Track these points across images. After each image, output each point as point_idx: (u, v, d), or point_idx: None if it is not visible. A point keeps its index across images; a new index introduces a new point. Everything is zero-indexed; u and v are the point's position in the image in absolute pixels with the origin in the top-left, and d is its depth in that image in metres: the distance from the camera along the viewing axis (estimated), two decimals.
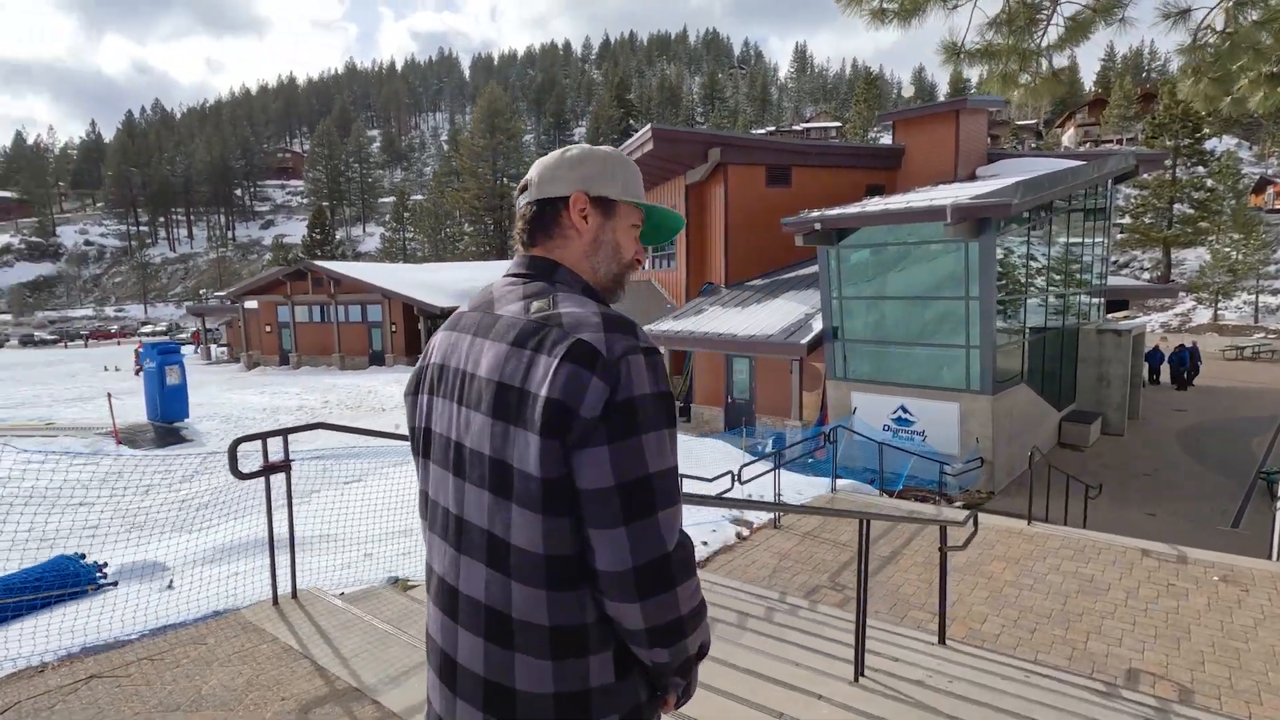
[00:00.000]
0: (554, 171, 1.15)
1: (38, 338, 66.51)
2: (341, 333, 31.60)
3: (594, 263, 1.15)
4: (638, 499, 0.91)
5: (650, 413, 0.93)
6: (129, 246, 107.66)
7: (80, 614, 3.32)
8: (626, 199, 1.16)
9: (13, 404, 20.38)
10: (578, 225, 1.14)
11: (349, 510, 5.38)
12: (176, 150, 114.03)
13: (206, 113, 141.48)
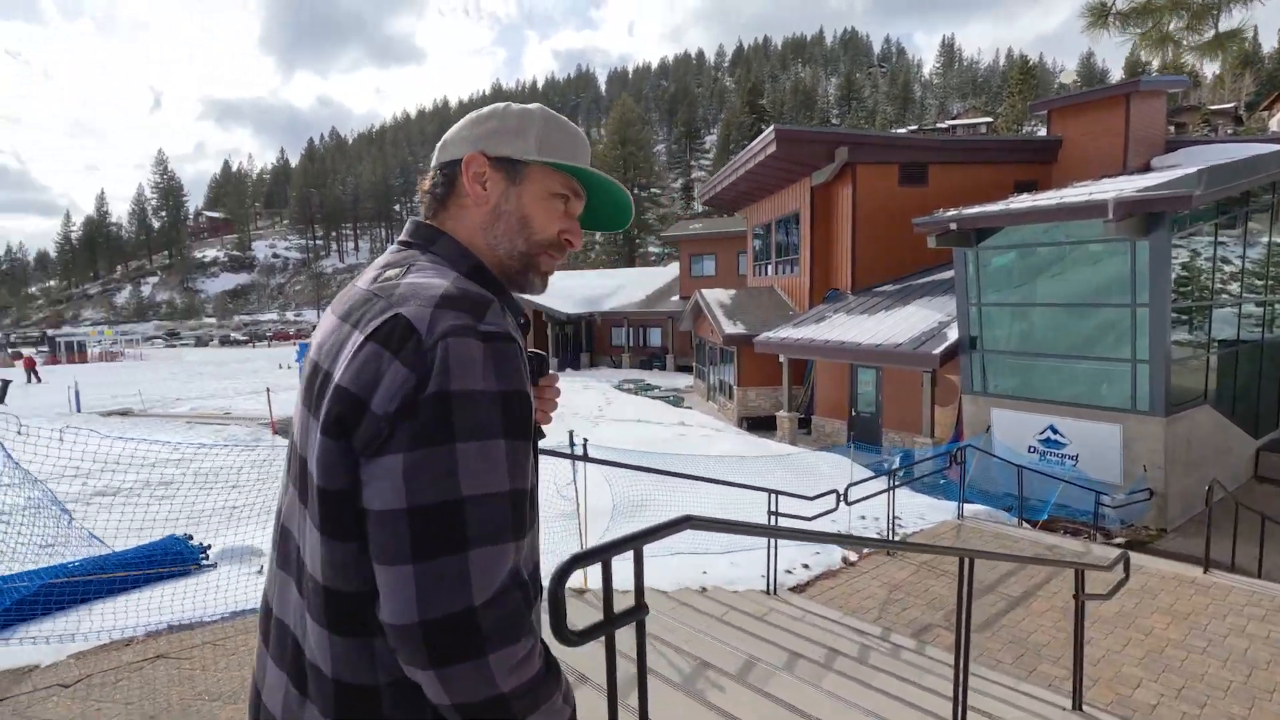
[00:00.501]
0: (458, 132, 0.97)
1: (233, 338, 76.40)
2: None
3: (490, 238, 0.94)
4: (437, 529, 0.68)
5: (474, 414, 0.70)
6: (307, 259, 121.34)
7: (178, 593, 3.56)
8: (542, 159, 0.93)
9: (205, 395, 23.36)
10: (473, 192, 0.93)
11: None
12: (347, 171, 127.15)
13: (373, 137, 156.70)
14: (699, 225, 31.18)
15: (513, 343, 0.77)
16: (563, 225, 0.98)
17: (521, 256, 0.95)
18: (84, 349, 52.01)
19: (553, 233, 0.96)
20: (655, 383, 23.79)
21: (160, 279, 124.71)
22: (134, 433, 15.33)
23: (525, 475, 0.77)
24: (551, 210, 0.96)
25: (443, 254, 0.91)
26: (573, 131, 0.99)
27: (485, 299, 0.80)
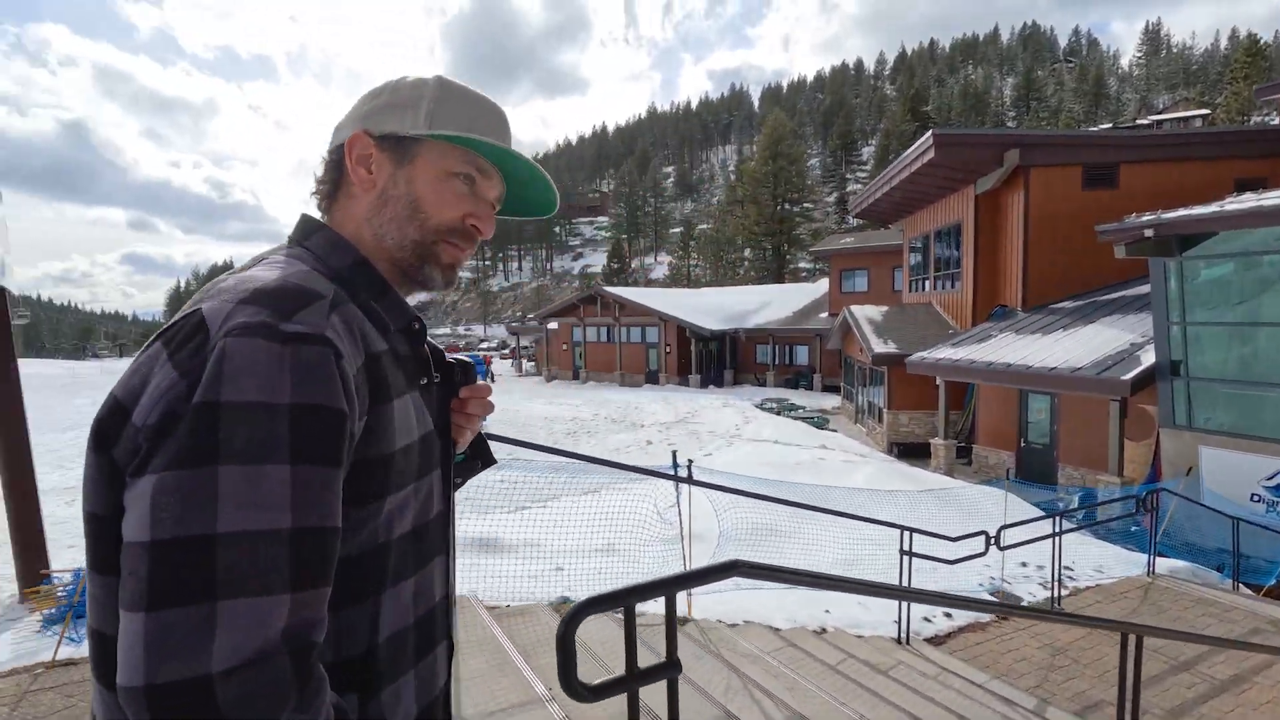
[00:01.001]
0: (349, 113, 0.85)
1: None
2: (623, 352, 34.26)
3: (377, 227, 0.82)
4: (178, 571, 0.54)
5: (249, 432, 0.57)
6: (476, 278, 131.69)
7: None
8: (436, 133, 0.80)
9: None
10: (357, 177, 0.82)
11: (554, 521, 5.51)
12: None
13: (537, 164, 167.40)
14: (851, 239, 29.81)
15: (325, 347, 0.64)
16: (467, 209, 0.85)
17: (415, 246, 0.83)
18: None
19: (452, 217, 0.84)
20: (799, 403, 22.89)
21: None
22: None
23: (324, 510, 0.61)
24: (448, 191, 0.83)
25: (315, 248, 0.81)
26: (475, 100, 0.85)
27: (308, 295, 0.67)
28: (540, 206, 0.96)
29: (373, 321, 0.77)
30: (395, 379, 0.77)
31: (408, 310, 0.83)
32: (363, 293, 0.79)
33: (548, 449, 3.93)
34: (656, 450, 14.02)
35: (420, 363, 0.86)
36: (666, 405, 22.00)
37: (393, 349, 0.79)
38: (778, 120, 65.38)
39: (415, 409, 0.80)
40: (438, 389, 0.91)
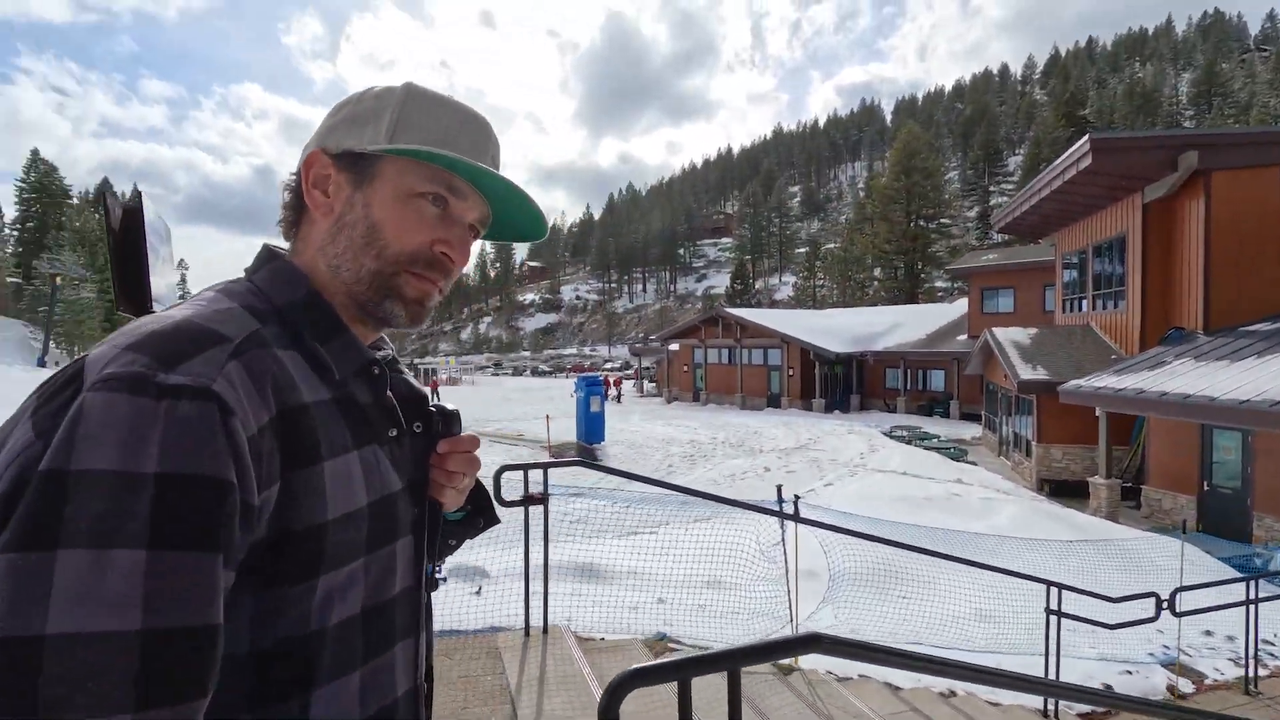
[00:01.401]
0: (316, 130, 0.76)
1: (541, 369, 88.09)
2: (744, 374, 33.71)
3: (331, 258, 0.72)
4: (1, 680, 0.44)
5: (101, 509, 0.48)
6: (603, 300, 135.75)
7: None
8: (397, 147, 0.70)
9: (510, 417, 27.09)
10: (312, 201, 0.73)
11: (660, 550, 5.36)
12: (640, 221, 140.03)
13: (663, 188, 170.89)
14: (994, 255, 27.61)
15: (208, 403, 0.53)
16: (435, 234, 0.73)
17: (372, 278, 0.72)
18: (436, 374, 64.61)
19: (416, 243, 0.72)
20: (933, 431, 21.31)
21: (492, 318, 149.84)
22: None
23: (191, 606, 0.50)
24: (411, 215, 0.72)
25: (261, 281, 0.72)
26: (449, 109, 0.74)
27: (205, 338, 0.58)
28: (528, 230, 0.84)
29: (315, 366, 0.68)
30: (333, 434, 0.66)
31: (363, 352, 0.73)
32: (309, 332, 0.69)
33: (641, 478, 3.80)
34: (774, 478, 13.52)
35: (384, 411, 0.75)
36: (787, 430, 21.28)
37: (341, 397, 0.69)
38: (911, 133, 62.39)
39: (369, 467, 0.70)
40: (418, 440, 0.80)
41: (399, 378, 0.83)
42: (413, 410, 0.81)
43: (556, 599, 4.07)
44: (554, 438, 17.91)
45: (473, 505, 0.93)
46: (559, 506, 5.56)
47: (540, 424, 23.15)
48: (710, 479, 13.55)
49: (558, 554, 5.65)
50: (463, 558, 5.00)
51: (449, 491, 0.81)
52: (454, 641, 3.36)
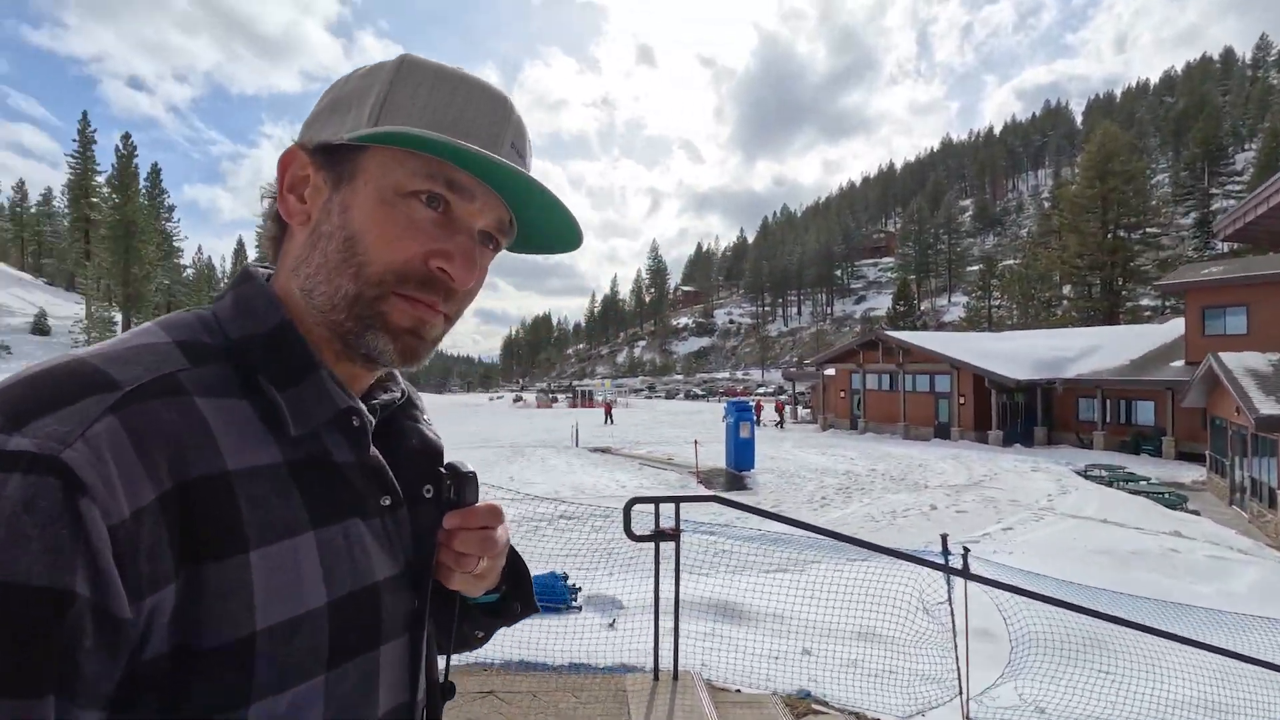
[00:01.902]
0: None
1: (694, 393, 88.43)
2: (907, 402, 31.46)
3: (303, 279, 0.58)
4: None
5: None
6: (756, 323, 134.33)
7: (540, 629, 3.89)
8: (380, 131, 0.54)
9: (661, 440, 27.33)
10: (287, 208, 0.58)
11: (808, 592, 4.96)
12: (794, 242, 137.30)
13: (818, 208, 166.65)
14: (1218, 268, 23.57)
15: (48, 478, 0.40)
16: (430, 244, 0.56)
17: (351, 305, 0.56)
18: (591, 396, 67.15)
19: (404, 257, 0.55)
20: (1141, 472, 18.37)
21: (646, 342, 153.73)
22: (603, 467, 18.77)
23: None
24: (398, 219, 0.55)
25: (220, 310, 0.58)
26: (453, 82, 0.57)
27: (80, 387, 0.45)
28: (558, 240, 0.65)
29: (269, 420, 0.53)
30: (274, 511, 0.51)
31: (335, 398, 0.56)
32: (266, 375, 0.55)
33: (778, 517, 3.48)
34: (942, 517, 12.30)
35: (371, 474, 0.59)
36: (958, 465, 19.42)
37: (300, 460, 0.54)
38: (1108, 134, 55.48)
39: (335, 552, 0.54)
40: (428, 509, 0.63)
41: (412, 427, 0.68)
42: (423, 469, 0.65)
43: (691, 639, 3.85)
44: (703, 463, 17.71)
45: (508, 585, 0.74)
46: (698, 537, 5.35)
47: (690, 448, 23.12)
48: (867, 514, 12.62)
49: (695, 588, 5.42)
50: (598, 586, 4.94)
51: (459, 578, 0.63)
52: (581, 679, 3.25)
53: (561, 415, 44.33)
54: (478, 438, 28.40)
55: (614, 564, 5.53)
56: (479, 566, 0.63)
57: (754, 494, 14.62)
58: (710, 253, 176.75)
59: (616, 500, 12.10)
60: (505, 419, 43.05)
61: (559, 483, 15.51)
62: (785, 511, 12.93)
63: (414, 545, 0.62)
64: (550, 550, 5.76)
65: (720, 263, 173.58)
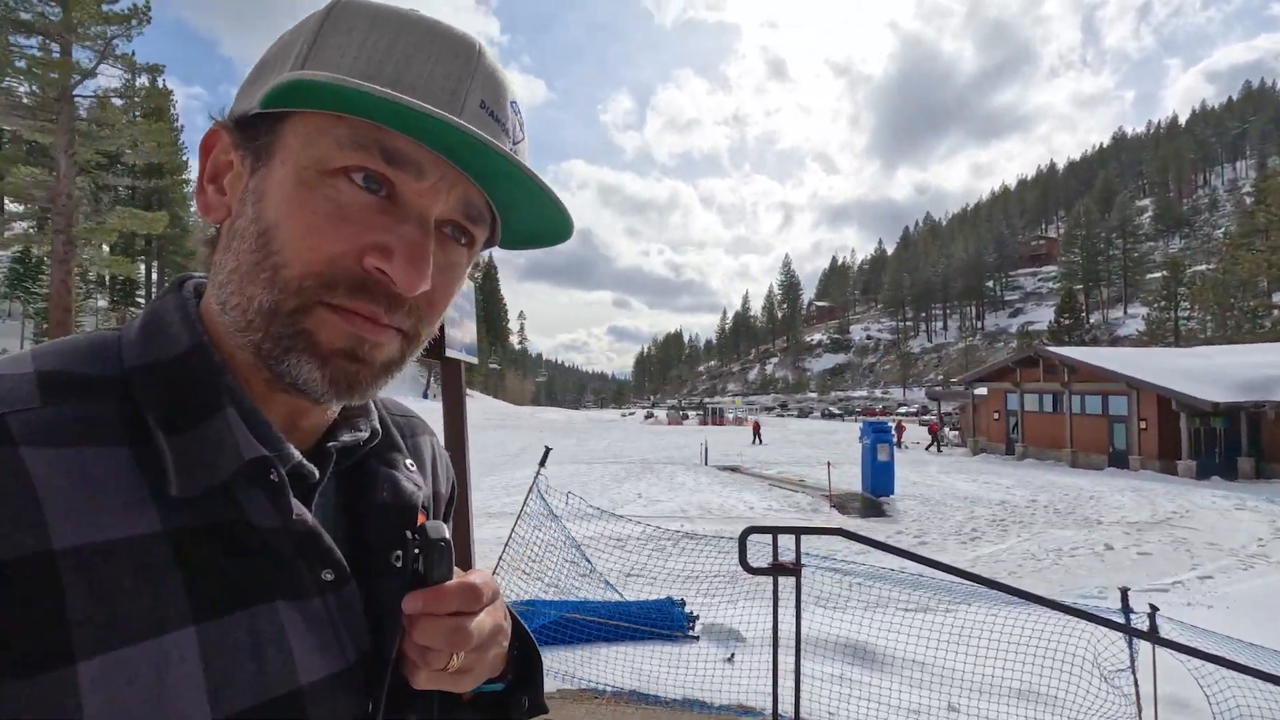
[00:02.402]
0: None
1: (831, 411, 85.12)
2: (1075, 426, 28.26)
3: (217, 289, 0.46)
4: None
5: None
6: (896, 339, 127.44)
7: (655, 658, 3.74)
8: (288, 79, 0.39)
9: (793, 461, 26.45)
10: (206, 205, 0.48)
11: (955, 636, 4.44)
12: (939, 254, 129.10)
13: (966, 216, 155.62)
14: None
15: None
16: (365, 238, 0.43)
17: (267, 321, 0.43)
18: (722, 414, 66.67)
19: (326, 253, 0.42)
20: None
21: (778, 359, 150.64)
22: (731, 486, 18.39)
23: None
24: (320, 205, 0.42)
25: (131, 332, 0.47)
26: (395, 22, 0.45)
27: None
28: (545, 230, 0.51)
29: (151, 474, 0.41)
30: (129, 602, 0.38)
31: (239, 447, 0.43)
32: (154, 415, 0.43)
33: (915, 557, 3.10)
34: (1119, 559, 10.78)
35: (303, 542, 0.46)
36: (1139, 498, 17.05)
37: (191, 528, 0.42)
38: None
39: (228, 653, 0.41)
40: (394, 581, 0.49)
41: (386, 474, 0.54)
42: (393, 531, 0.51)
43: (817, 682, 3.54)
44: (837, 486, 16.83)
45: (514, 675, 0.59)
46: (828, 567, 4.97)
47: (823, 469, 22.15)
48: (1026, 552, 11.33)
49: (823, 624, 5.04)
50: (718, 615, 4.72)
51: (425, 675, 0.48)
52: (695, 717, 3.07)
53: (691, 433, 44.32)
54: (609, 453, 28.99)
55: (736, 591, 5.28)
56: (451, 663, 0.48)
57: (893, 522, 13.65)
58: (846, 266, 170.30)
59: (743, 521, 11.75)
60: (636, 435, 43.68)
61: (685, 501, 15.36)
62: (930, 543, 11.91)
63: (373, 630, 0.49)
64: (671, 571, 5.62)
65: (857, 276, 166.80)
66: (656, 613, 4.44)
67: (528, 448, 29.51)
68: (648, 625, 4.31)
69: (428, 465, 0.64)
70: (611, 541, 6.60)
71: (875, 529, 12.54)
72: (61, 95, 28.98)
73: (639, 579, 6.05)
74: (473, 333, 5.16)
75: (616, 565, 6.45)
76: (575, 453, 29.27)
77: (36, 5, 29.06)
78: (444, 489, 0.67)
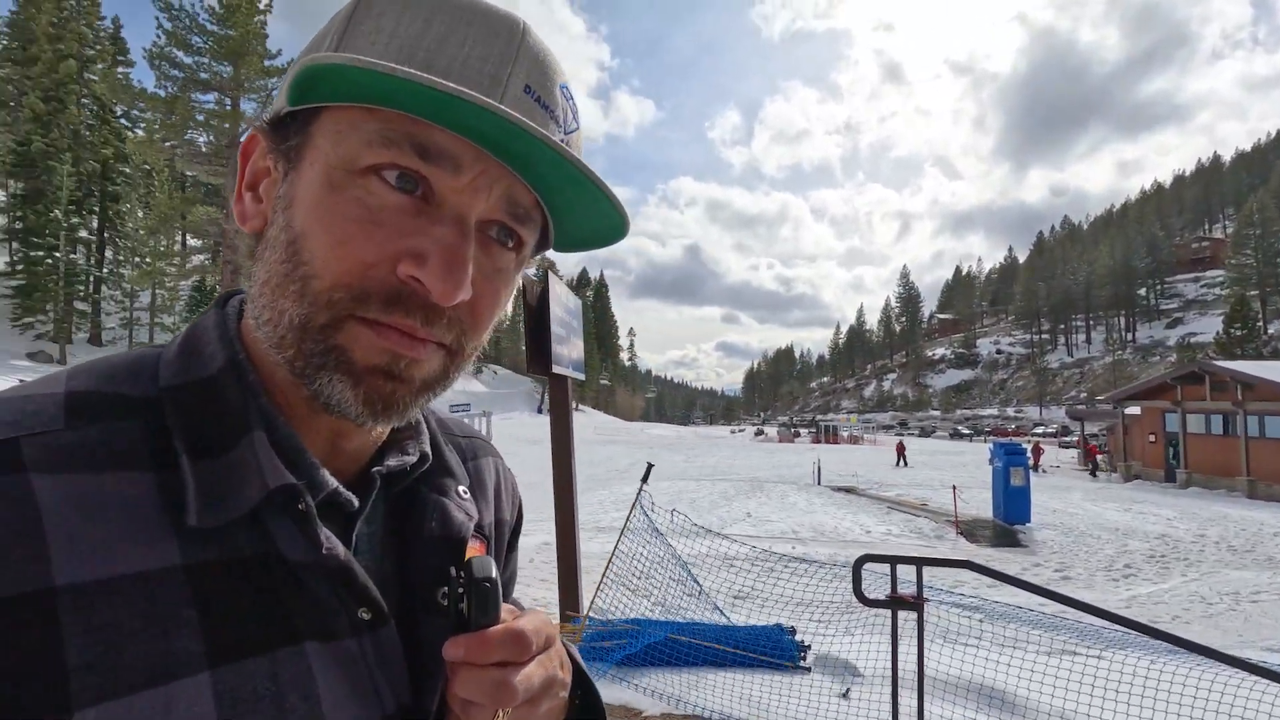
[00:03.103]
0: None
1: (960, 431, 79.69)
2: (1251, 450, 24.84)
3: (253, 307, 0.44)
4: None
5: None
6: (1031, 353, 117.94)
7: (763, 688, 3.58)
8: (302, 67, 0.37)
9: (913, 483, 25.00)
10: (243, 214, 0.45)
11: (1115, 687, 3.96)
12: (1079, 260, 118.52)
13: (1112, 218, 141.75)
14: None
15: None
16: (397, 242, 0.40)
17: (298, 337, 0.41)
18: (836, 432, 64.24)
19: (362, 262, 0.40)
20: None
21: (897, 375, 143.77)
22: (846, 508, 17.60)
23: None
24: (349, 209, 0.40)
25: (171, 351, 0.45)
26: (425, 3, 0.41)
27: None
28: (603, 228, 0.47)
29: (172, 503, 0.39)
30: (143, 645, 0.35)
31: (265, 473, 0.40)
32: (181, 439, 0.40)
33: (1066, 600, 2.76)
34: None
35: (335, 578, 0.42)
36: None
37: (211, 562, 0.39)
38: None
39: (263, 696, 0.38)
40: (441, 623, 0.45)
41: (436, 502, 0.50)
42: (441, 566, 0.47)
43: None
44: (965, 512, 15.67)
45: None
46: (954, 602, 4.59)
47: (948, 493, 20.76)
48: (1194, 594, 9.99)
49: (950, 663, 4.66)
50: (832, 646, 4.46)
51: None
52: None
53: (803, 450, 42.99)
54: (717, 470, 28.68)
55: (852, 621, 5.00)
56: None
57: (1030, 553, 12.50)
58: (971, 276, 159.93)
59: (858, 546, 11.17)
60: (745, 453, 42.96)
61: (797, 522, 14.86)
62: (1074, 579, 10.78)
63: (415, 677, 0.45)
64: (781, 596, 5.40)
65: (984, 287, 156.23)
66: (766, 639, 4.26)
67: (637, 463, 29.77)
68: (756, 652, 4.14)
69: (489, 490, 0.60)
70: (719, 561, 6.46)
71: (1009, 561, 11.53)
72: (231, 143, 32.93)
73: (747, 602, 5.87)
74: (580, 349, 5.27)
75: (724, 586, 6.31)
76: (683, 469, 29.19)
77: (213, 65, 33.29)
78: (508, 515, 0.63)
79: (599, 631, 4.32)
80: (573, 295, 4.88)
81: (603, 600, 5.02)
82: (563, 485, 4.22)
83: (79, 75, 44.32)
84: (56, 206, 40.63)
